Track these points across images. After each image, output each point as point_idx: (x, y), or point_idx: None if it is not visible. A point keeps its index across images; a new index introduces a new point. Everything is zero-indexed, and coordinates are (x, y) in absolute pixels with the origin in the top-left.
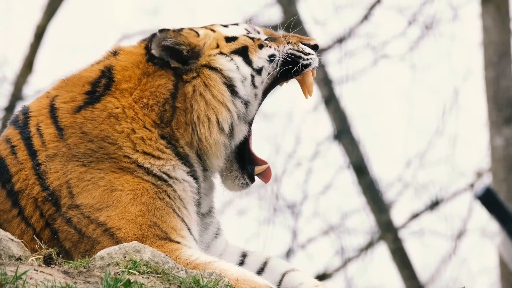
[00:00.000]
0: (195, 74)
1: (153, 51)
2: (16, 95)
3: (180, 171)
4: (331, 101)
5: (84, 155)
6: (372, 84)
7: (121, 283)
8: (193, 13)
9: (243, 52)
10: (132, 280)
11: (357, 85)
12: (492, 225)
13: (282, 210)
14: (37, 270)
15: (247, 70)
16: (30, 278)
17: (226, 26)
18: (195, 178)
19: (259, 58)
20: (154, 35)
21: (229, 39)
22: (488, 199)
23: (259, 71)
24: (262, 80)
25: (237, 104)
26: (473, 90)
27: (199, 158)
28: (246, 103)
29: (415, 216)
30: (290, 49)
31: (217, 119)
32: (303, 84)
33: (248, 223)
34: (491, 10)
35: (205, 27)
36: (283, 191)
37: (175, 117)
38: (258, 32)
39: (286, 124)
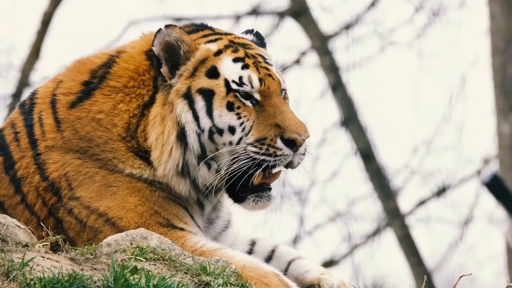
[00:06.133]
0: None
1: (154, 48)
2: (23, 82)
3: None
4: (338, 88)
5: (78, 151)
6: (379, 71)
7: (128, 270)
8: (200, 1)
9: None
10: (139, 267)
11: (364, 72)
12: (499, 212)
13: (289, 197)
14: (44, 257)
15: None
16: (37, 265)
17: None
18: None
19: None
20: (159, 30)
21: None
22: (495, 185)
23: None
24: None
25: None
26: (480, 77)
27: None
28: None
29: (422, 203)
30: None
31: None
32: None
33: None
34: None
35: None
36: (290, 178)
37: (139, 130)
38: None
39: (293, 110)
